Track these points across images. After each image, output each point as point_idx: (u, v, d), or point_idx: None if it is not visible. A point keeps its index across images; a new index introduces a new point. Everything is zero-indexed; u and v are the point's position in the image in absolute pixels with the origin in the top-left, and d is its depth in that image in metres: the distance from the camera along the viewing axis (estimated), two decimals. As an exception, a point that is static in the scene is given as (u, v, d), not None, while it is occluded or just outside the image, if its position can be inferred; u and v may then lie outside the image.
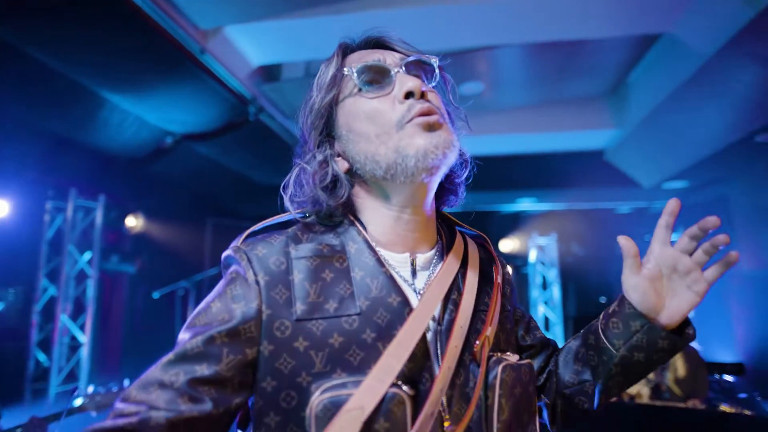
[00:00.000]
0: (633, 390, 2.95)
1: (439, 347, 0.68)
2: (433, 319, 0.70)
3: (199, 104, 3.80)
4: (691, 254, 0.70)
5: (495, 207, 6.72)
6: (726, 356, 5.15)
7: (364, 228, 0.75)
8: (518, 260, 6.93)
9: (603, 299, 6.14)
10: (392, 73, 0.72)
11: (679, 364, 2.91)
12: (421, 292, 0.72)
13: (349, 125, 0.74)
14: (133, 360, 4.85)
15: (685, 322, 0.74)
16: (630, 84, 4.39)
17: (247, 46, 3.56)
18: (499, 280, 0.82)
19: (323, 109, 0.75)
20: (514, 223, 6.95)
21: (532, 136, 4.89)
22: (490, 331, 0.73)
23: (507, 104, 4.70)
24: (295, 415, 0.61)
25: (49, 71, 3.04)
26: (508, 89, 4.54)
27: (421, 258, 0.75)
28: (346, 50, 0.79)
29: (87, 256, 4.44)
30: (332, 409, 0.59)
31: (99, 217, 4.46)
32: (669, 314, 0.71)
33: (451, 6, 3.07)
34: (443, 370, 0.65)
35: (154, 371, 0.61)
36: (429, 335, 0.69)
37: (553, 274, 6.59)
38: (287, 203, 0.79)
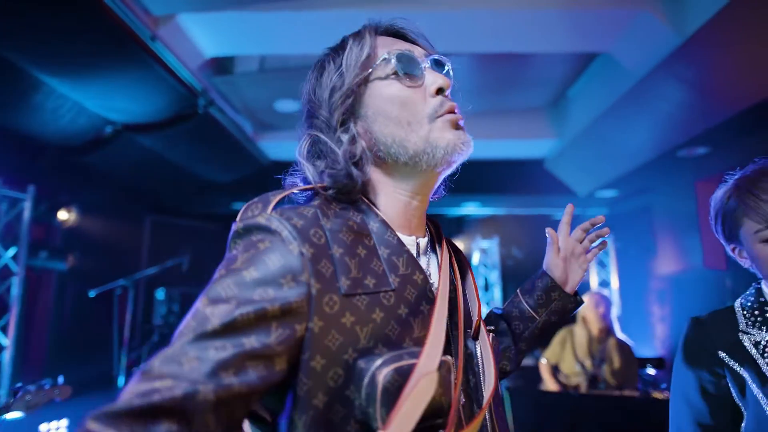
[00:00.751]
0: (574, 381, 3.16)
1: (450, 322, 0.74)
2: None
3: (145, 93, 3.62)
4: (581, 242, 1.04)
5: (441, 210, 6.91)
6: (648, 352, 5.61)
7: (377, 209, 0.77)
8: (461, 263, 7.14)
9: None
10: (422, 66, 0.77)
11: (615, 358, 3.16)
12: (428, 272, 0.77)
13: (378, 107, 0.75)
14: (60, 364, 4.50)
15: (576, 292, 1.04)
16: (569, 98, 4.70)
17: (200, 36, 3.45)
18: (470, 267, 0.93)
19: (353, 87, 0.75)
20: (458, 226, 7.18)
21: (477, 143, 5.03)
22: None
23: (455, 111, 4.86)
24: (340, 393, 0.60)
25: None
26: (455, 97, 4.67)
27: (422, 242, 0.80)
28: (376, 33, 0.81)
29: (12, 251, 4.08)
30: (399, 379, 0.59)
31: (27, 209, 4.11)
32: (570, 286, 1.02)
33: (405, 13, 3.14)
34: (461, 341, 0.72)
35: (185, 346, 0.54)
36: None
37: (494, 276, 6.87)
38: (310, 174, 0.77)
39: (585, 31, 3.35)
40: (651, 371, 4.18)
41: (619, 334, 3.43)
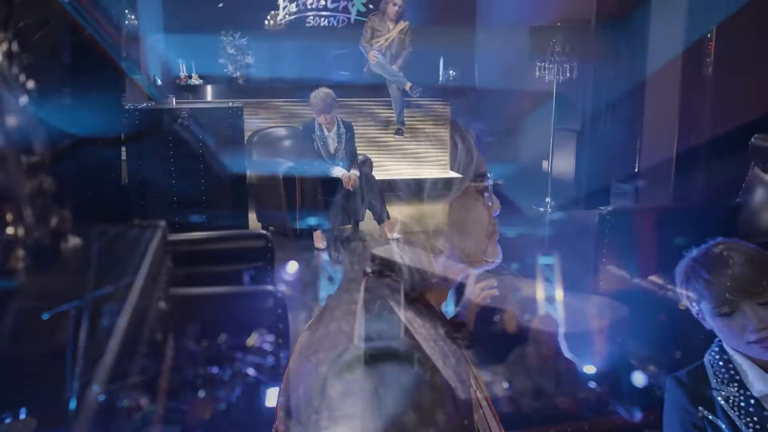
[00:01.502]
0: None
1: None
2: None
3: (112, 110, 3.56)
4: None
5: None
6: (587, 365, 6.00)
7: None
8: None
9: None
10: None
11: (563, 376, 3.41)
12: None
13: None
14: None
15: None
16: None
17: (172, 55, 3.45)
18: None
19: None
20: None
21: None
22: None
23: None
24: None
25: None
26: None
27: None
28: None
29: (-49, 268, 3.82)
30: None
31: (-29, 223, 3.87)
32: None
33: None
34: None
35: None
36: None
37: (448, 293, 7.12)
38: None
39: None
40: (593, 385, 4.51)
41: (566, 353, 3.69)
